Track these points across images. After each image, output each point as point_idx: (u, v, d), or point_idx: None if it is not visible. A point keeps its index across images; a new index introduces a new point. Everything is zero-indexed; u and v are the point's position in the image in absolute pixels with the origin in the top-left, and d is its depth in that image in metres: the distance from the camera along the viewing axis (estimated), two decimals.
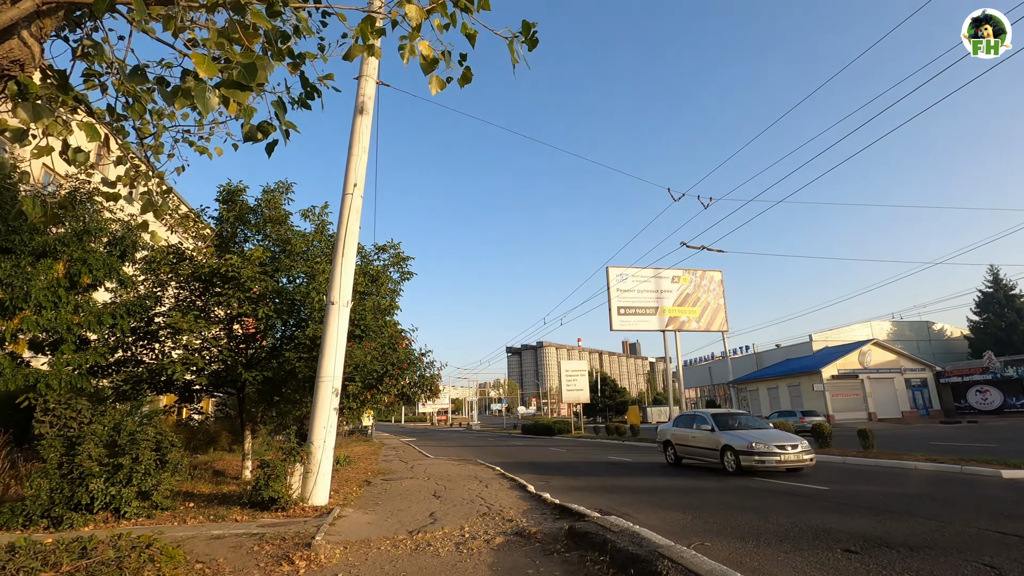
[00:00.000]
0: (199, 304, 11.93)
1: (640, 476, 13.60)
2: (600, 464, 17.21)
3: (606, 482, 12.61)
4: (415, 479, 13.15)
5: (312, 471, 9.37)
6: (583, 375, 42.14)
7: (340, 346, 9.96)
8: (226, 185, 13.16)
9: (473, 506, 9.29)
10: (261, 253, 11.06)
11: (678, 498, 9.80)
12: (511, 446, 29.19)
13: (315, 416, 9.64)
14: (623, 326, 26.78)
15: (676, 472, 14.16)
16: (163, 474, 8.63)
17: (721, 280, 28.85)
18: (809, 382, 44.82)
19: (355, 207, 10.71)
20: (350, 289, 10.41)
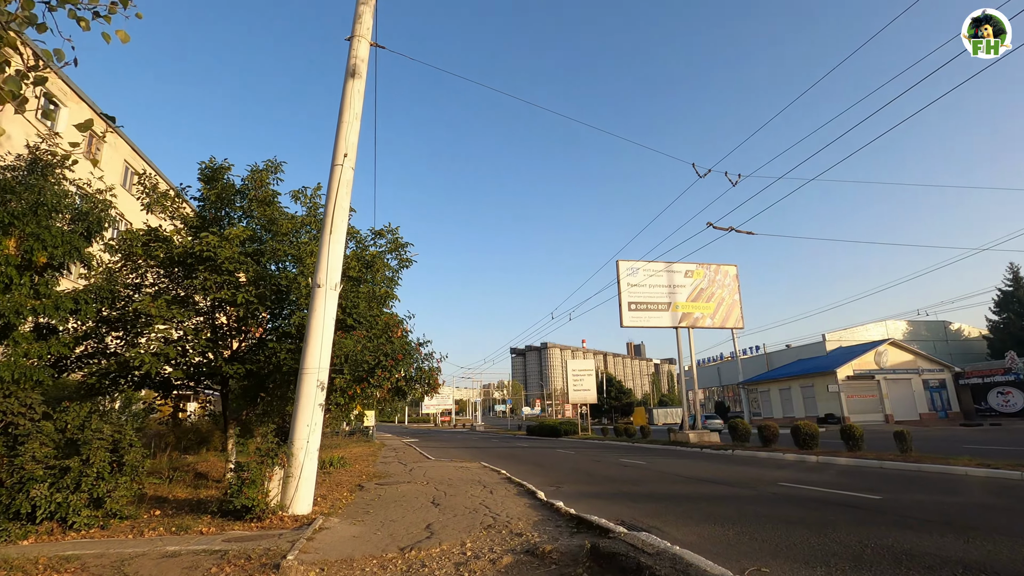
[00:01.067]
0: (177, 291, 10.83)
1: (659, 482, 12.40)
2: (612, 467, 16.02)
3: (623, 488, 11.42)
4: (413, 483, 12.00)
5: (293, 475, 8.24)
6: (590, 375, 40.92)
7: (327, 334, 8.83)
8: (208, 162, 12.07)
9: (476, 516, 8.13)
10: (241, 231, 9.94)
11: (709, 507, 8.62)
12: (516, 448, 28.02)
13: (298, 413, 8.51)
14: (634, 322, 25.57)
15: (698, 478, 12.96)
16: (120, 478, 7.51)
17: (736, 275, 27.59)
18: (823, 383, 43.43)
19: (345, 179, 9.59)
20: (339, 270, 9.28)
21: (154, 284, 11.18)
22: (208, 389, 12.77)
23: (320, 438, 8.64)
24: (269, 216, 11.43)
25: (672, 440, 25.18)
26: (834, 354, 47.73)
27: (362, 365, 8.58)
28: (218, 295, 9.67)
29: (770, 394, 51.03)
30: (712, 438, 24.19)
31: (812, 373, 45.26)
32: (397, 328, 9.32)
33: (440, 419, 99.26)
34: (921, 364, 44.08)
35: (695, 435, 24.06)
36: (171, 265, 10.23)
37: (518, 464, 17.96)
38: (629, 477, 13.33)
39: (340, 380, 8.56)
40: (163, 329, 10.07)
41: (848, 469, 13.71)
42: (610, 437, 33.76)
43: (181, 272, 10.60)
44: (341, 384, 8.53)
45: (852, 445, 16.18)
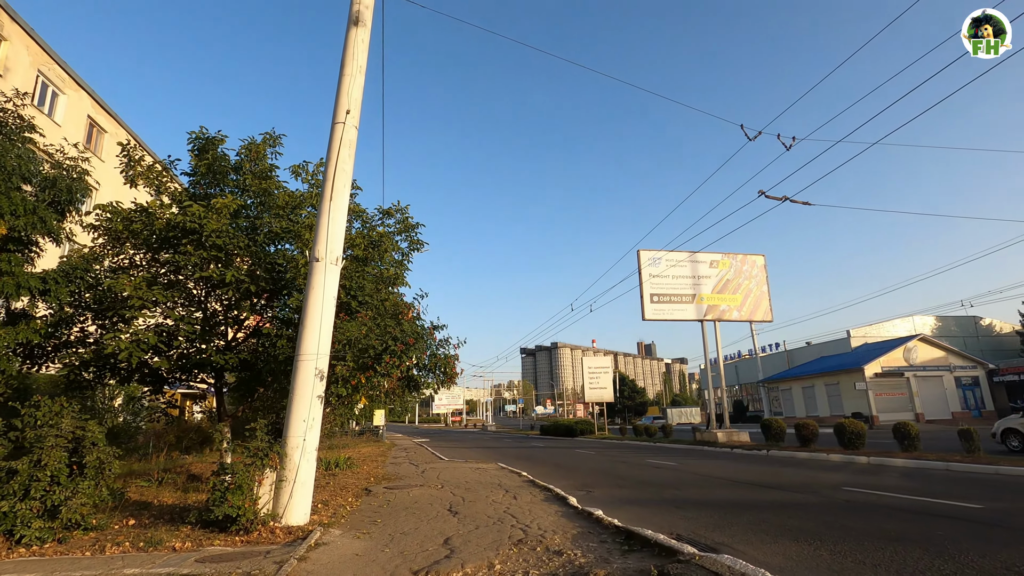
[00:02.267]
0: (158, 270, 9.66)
1: (701, 486, 11.07)
2: (642, 469, 14.69)
3: (663, 493, 10.10)
4: (426, 487, 10.76)
5: (287, 479, 7.02)
6: (607, 372, 39.51)
7: (327, 315, 7.62)
8: (198, 132, 10.91)
9: (502, 528, 6.86)
10: (231, 201, 8.75)
11: (776, 517, 7.28)
12: (532, 448, 26.74)
13: (293, 406, 7.30)
14: (657, 315, 24.17)
15: (744, 481, 11.61)
16: (81, 483, 6.33)
17: (764, 265, 26.07)
18: (849, 381, 41.67)
19: (348, 139, 8.37)
20: (340, 242, 8.07)
21: (139, 266, 10.04)
22: (201, 383, 11.61)
23: (319, 435, 7.42)
24: (264, 189, 10.24)
25: (698, 440, 23.77)
26: (860, 351, 45.90)
27: (368, 351, 7.35)
28: (204, 273, 8.48)
29: (792, 392, 49.30)
30: (742, 437, 22.75)
31: (837, 370, 43.51)
32: (407, 310, 8.10)
33: (451, 419, 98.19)
34: (953, 361, 42.20)
35: (723, 434, 22.63)
36: (154, 242, 9.05)
37: (537, 465, 16.68)
38: (665, 480, 11.99)
39: (342, 368, 7.35)
40: (145, 314, 8.92)
41: (911, 471, 12.27)
42: (628, 437, 32.37)
43: (165, 249, 9.42)
44: (343, 373, 7.31)
45: (907, 445, 14.71)
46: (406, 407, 43.03)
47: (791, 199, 10.58)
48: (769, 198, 10.54)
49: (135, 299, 8.06)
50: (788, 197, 10.61)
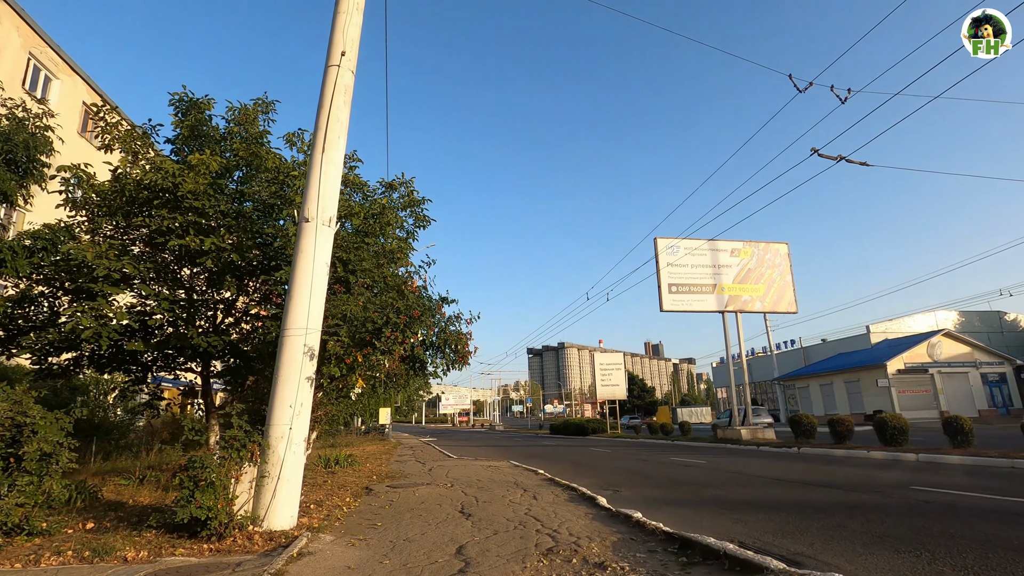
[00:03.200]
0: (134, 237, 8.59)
1: (743, 484, 9.90)
2: (669, 467, 13.51)
3: (702, 493, 8.93)
4: (434, 486, 9.65)
5: (270, 474, 5.92)
6: (619, 369, 38.27)
7: (318, 284, 6.52)
8: (181, 93, 9.86)
9: (526, 533, 5.72)
10: (209, 158, 7.67)
11: (853, 521, 6.10)
12: (544, 446, 25.57)
13: (277, 389, 6.20)
14: (675, 306, 22.94)
15: (788, 479, 10.43)
16: (20, 478, 5.26)
17: (788, 254, 24.76)
18: (871, 377, 40.18)
19: (343, 84, 7.28)
20: (334, 200, 6.97)
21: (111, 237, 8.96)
22: (189, 371, 10.55)
23: (309, 423, 6.32)
24: (253, 152, 9.16)
25: (720, 437, 22.53)
26: (880, 347, 44.36)
27: (366, 324, 6.25)
28: (181, 242, 7.39)
29: (809, 390, 47.86)
30: (767, 434, 21.49)
31: (857, 367, 42.03)
32: (412, 280, 7.00)
33: (458, 419, 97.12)
34: (979, 357, 40.63)
35: (747, 431, 21.38)
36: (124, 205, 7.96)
37: (553, 463, 15.53)
38: (699, 478, 10.81)
39: (335, 344, 6.24)
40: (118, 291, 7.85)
41: (976, 469, 11.02)
42: (643, 435, 31.14)
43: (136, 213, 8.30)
44: (336, 350, 6.21)
45: (960, 441, 13.43)
46: (410, 395, 40.75)
47: (847, 159, 9.39)
48: (823, 156, 9.34)
49: (100, 269, 6.97)
50: (844, 156, 9.43)
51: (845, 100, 8.55)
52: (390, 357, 6.11)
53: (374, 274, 7.86)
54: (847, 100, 8.57)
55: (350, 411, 15.89)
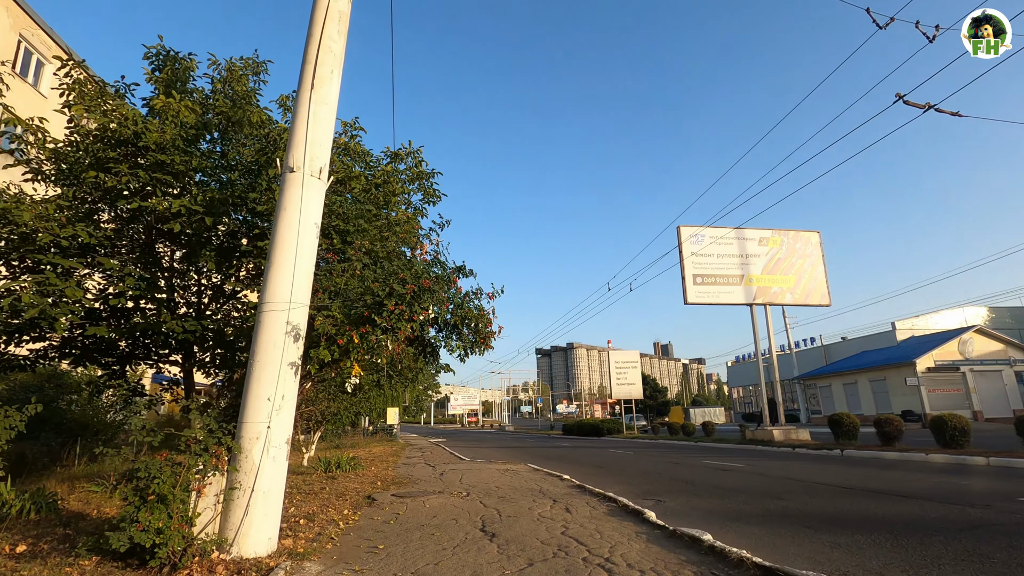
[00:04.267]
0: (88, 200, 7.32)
1: (808, 494, 8.55)
2: (705, 471, 12.14)
3: (765, 504, 7.57)
4: (447, 494, 8.36)
5: (242, 486, 4.65)
6: (635, 367, 36.80)
7: (305, 247, 5.26)
8: (158, 46, 8.63)
9: (571, 565, 4.40)
10: (178, 103, 6.43)
11: (986, 545, 4.75)
12: (559, 447, 24.21)
13: (252, 379, 4.94)
14: (700, 298, 21.53)
15: (858, 488, 9.06)
16: None
17: (819, 243, 23.24)
18: (898, 376, 38.48)
19: (336, 10, 6.02)
20: (326, 148, 5.71)
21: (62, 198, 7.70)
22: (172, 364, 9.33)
23: (293, 420, 5.04)
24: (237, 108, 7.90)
25: (750, 438, 21.06)
26: (907, 344, 42.59)
27: (363, 297, 4.97)
28: (145, 204, 6.15)
29: (832, 389, 46.15)
30: (801, 435, 20.02)
31: (884, 365, 40.31)
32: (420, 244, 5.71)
33: (467, 420, 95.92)
34: (1013, 354, 38.75)
35: (780, 432, 19.92)
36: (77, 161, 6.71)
37: (575, 466, 14.20)
38: (750, 486, 9.43)
39: (325, 322, 4.97)
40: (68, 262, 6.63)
41: None
42: (662, 436, 29.69)
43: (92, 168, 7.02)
44: (327, 328, 4.94)
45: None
46: (419, 395, 38.88)
47: (936, 107, 8.03)
48: (909, 104, 7.98)
49: (44, 236, 5.75)
50: (932, 104, 8.06)
51: (933, 39, 7.20)
52: (393, 337, 4.83)
53: (371, 234, 6.60)
54: (935, 39, 7.22)
55: (355, 409, 14.66)
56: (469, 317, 5.27)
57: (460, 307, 5.33)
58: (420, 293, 4.98)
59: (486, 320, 5.35)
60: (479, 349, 5.40)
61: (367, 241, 6.37)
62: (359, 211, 7.48)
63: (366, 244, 6.26)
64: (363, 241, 6.20)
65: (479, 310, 5.40)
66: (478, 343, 5.37)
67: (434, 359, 5.74)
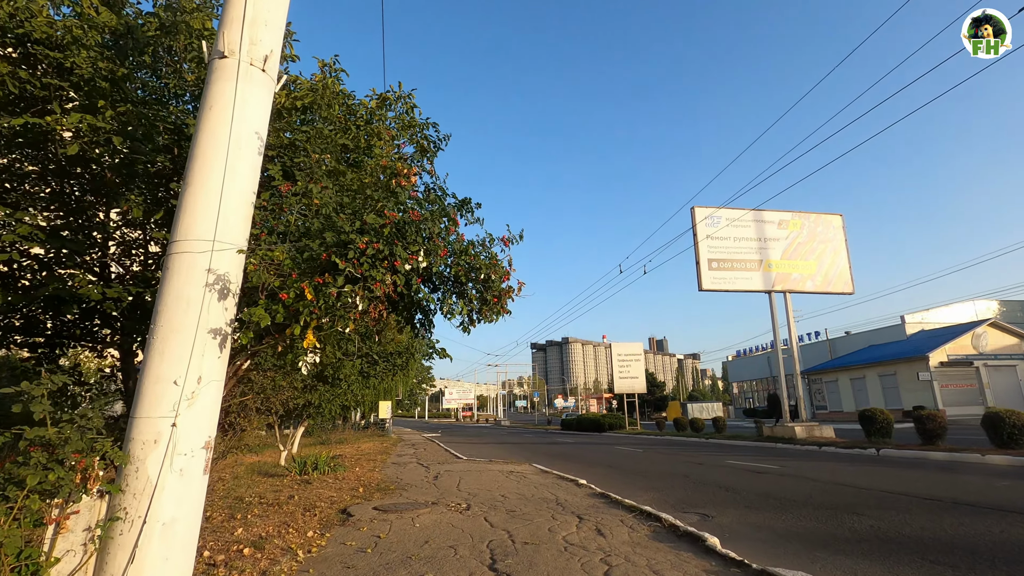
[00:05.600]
0: None
1: (883, 506, 7.01)
2: (738, 474, 10.62)
3: (843, 521, 6.01)
4: (441, 506, 6.76)
5: (128, 515, 3.02)
6: (638, 360, 35.30)
7: (240, 168, 3.64)
8: None
9: None
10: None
11: None
12: (560, 444, 22.67)
13: (152, 351, 3.30)
14: (716, 285, 19.99)
15: (950, 499, 7.54)
16: None
17: (842, 226, 21.72)
18: (909, 370, 37.16)
19: None
20: (277, 29, 4.07)
21: None
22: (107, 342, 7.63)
23: (218, 414, 3.41)
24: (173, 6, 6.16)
25: (768, 435, 19.60)
26: (917, 338, 41.31)
27: (323, 234, 3.34)
28: (32, 120, 4.45)
29: (838, 384, 44.85)
30: (825, 432, 18.57)
31: (894, 359, 38.98)
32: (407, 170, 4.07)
33: (462, 414, 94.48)
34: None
35: (803, 429, 18.46)
36: None
37: (584, 467, 12.65)
38: (805, 495, 7.86)
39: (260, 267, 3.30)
40: None
41: None
42: (668, 432, 28.22)
43: None
44: (265, 278, 3.29)
45: None
46: (412, 388, 36.17)
47: None
48: None
49: None
50: None
51: None
52: (367, 293, 3.21)
53: (332, 144, 4.95)
54: None
55: (339, 402, 13.01)
56: (476, 267, 3.65)
57: (463, 254, 3.70)
58: (405, 227, 3.36)
59: (500, 271, 3.73)
60: (491, 313, 3.78)
61: (329, 156, 4.76)
62: (327, 143, 5.80)
63: (327, 160, 4.65)
64: (324, 155, 4.59)
65: (492, 258, 3.78)
66: (489, 304, 3.74)
67: (427, 329, 4.13)
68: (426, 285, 3.95)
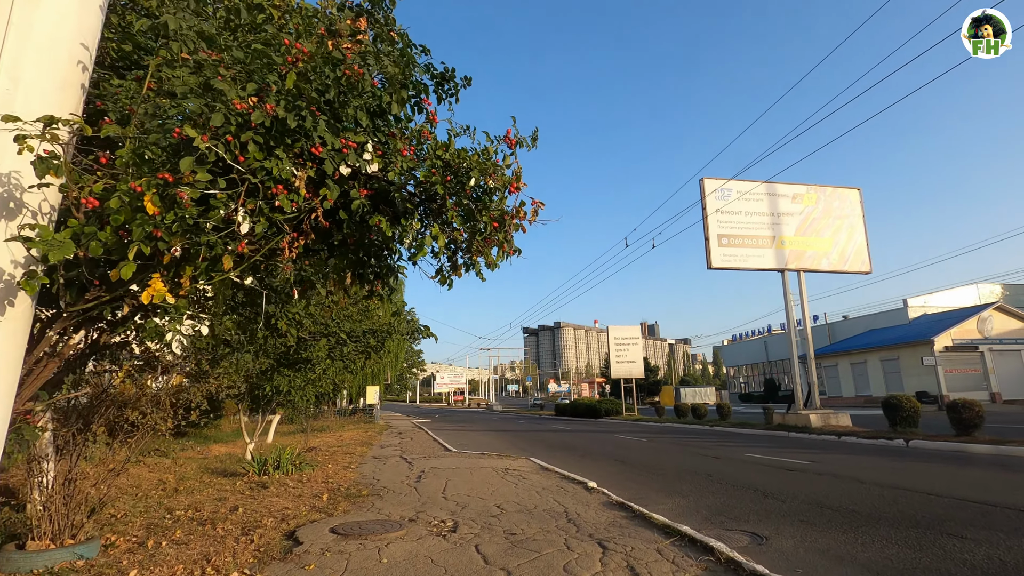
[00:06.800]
0: None
1: (994, 524, 5.63)
2: (770, 474, 9.27)
3: (954, 551, 4.61)
4: (420, 525, 5.30)
5: None
6: (636, 344, 33.97)
7: None
8: None
9: None
10: None
11: None
12: (557, 431, 21.34)
13: None
14: (726, 262, 18.55)
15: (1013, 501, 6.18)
16: None
17: (860, 200, 20.29)
18: (913, 355, 36.14)
19: None
20: None
21: None
22: None
23: (9, 416, 1.87)
24: None
25: (779, 423, 18.37)
26: (920, 322, 40.34)
27: (180, 103, 1.81)
28: None
29: (838, 369, 43.95)
30: (842, 420, 17.35)
31: (897, 344, 38.01)
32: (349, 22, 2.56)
33: (453, 398, 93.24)
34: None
35: (818, 417, 17.21)
36: None
37: (588, 462, 11.27)
38: (870, 504, 6.46)
39: (48, 156, 1.76)
40: None
41: None
42: (668, 418, 26.99)
43: None
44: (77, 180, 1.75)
45: None
46: (402, 372, 34.04)
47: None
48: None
49: None
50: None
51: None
52: (255, 205, 1.70)
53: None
54: None
55: (314, 391, 11.48)
56: (465, 170, 2.12)
57: (442, 151, 2.16)
58: (333, 85, 1.82)
59: (502, 177, 2.20)
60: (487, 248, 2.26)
61: None
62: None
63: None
64: None
65: (491, 164, 2.23)
66: (485, 232, 2.22)
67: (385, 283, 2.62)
68: (383, 211, 2.39)
